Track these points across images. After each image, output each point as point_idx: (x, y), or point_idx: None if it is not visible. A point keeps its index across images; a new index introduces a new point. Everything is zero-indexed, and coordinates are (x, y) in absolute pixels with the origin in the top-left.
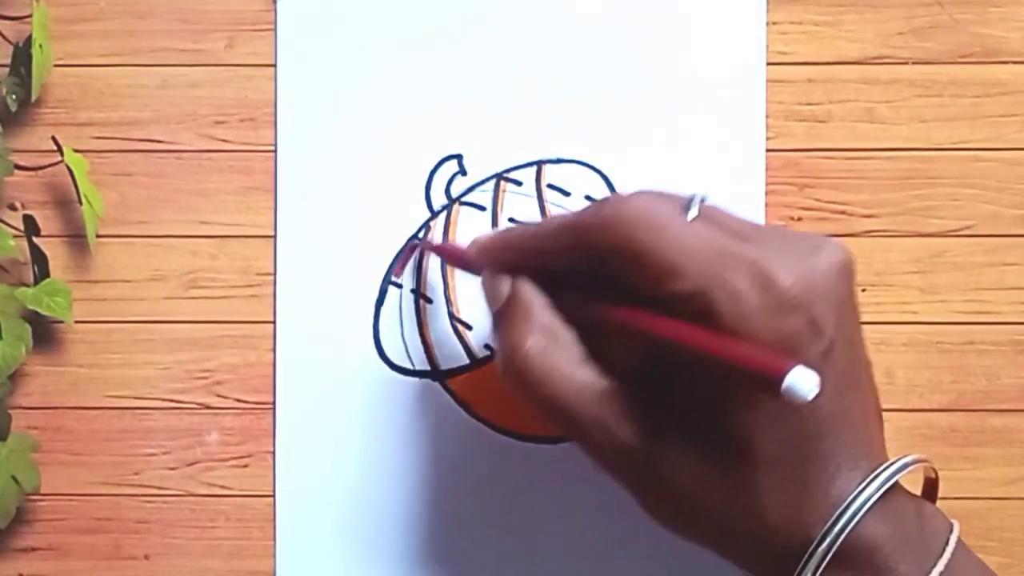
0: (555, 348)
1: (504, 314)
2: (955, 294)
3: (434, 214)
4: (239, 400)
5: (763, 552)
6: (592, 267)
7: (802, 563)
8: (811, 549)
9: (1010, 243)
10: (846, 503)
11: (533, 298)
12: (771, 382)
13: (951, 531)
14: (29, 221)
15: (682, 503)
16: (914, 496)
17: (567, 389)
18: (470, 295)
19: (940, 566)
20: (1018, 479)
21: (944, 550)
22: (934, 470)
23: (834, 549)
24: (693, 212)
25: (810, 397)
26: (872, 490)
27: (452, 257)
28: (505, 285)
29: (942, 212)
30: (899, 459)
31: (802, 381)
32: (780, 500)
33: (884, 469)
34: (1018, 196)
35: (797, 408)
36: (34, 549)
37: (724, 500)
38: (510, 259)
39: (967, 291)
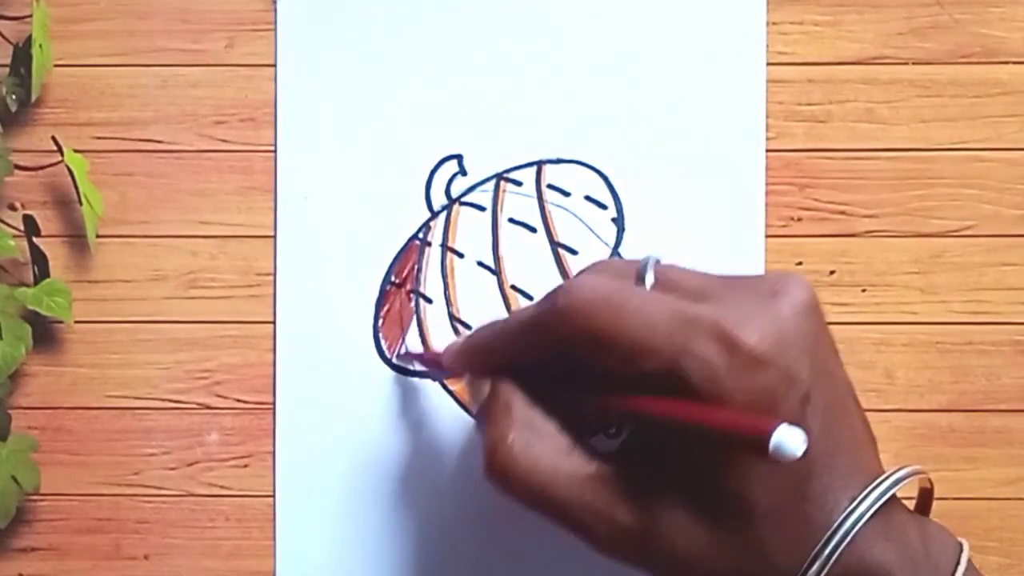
0: (538, 440)
1: (484, 413)
2: (955, 294)
3: (434, 214)
4: (239, 400)
5: None
6: (562, 355)
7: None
8: (804, 568)
9: (1010, 243)
10: (836, 523)
11: (512, 395)
12: (757, 444)
13: (960, 550)
14: (29, 221)
15: (689, 569)
16: (916, 516)
17: (554, 479)
18: (470, 295)
19: None
20: (1018, 479)
21: (956, 570)
22: (929, 480)
23: (827, 569)
24: (649, 279)
25: (799, 453)
26: (864, 508)
27: (432, 366)
28: (485, 385)
29: (942, 212)
30: (892, 473)
31: (788, 438)
32: (783, 544)
33: (875, 487)
34: (1018, 196)
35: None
36: (34, 549)
37: (731, 559)
38: (482, 363)
39: (967, 291)
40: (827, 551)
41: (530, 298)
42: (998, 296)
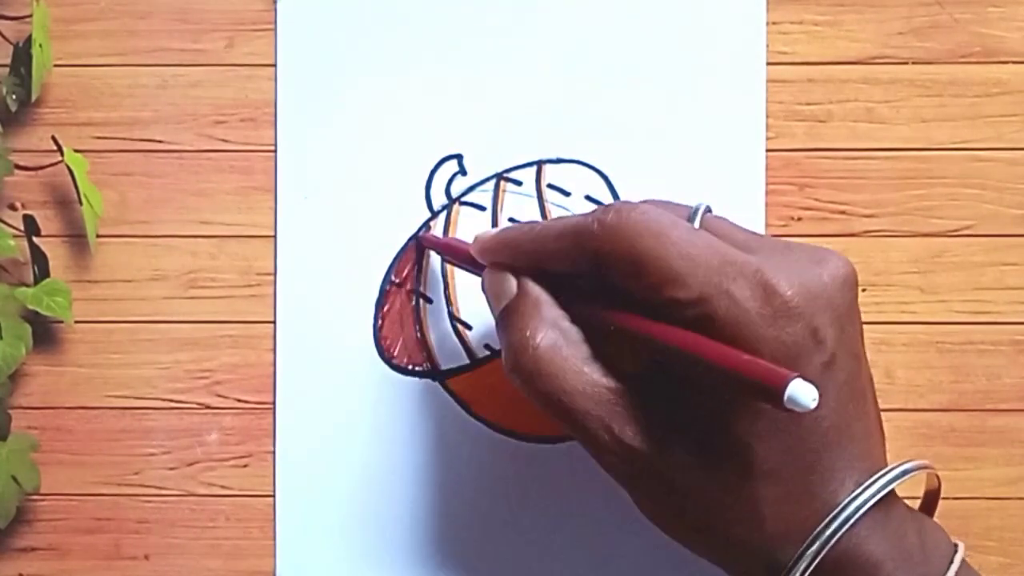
0: (565, 344)
1: (512, 309)
2: (955, 294)
3: (434, 214)
4: (239, 400)
5: (759, 562)
6: (592, 271)
7: (790, 565)
8: (800, 551)
9: (1010, 243)
10: (840, 506)
11: (541, 295)
12: (772, 392)
13: (955, 551)
14: (29, 221)
15: (681, 508)
16: (915, 512)
17: (576, 386)
18: (470, 295)
19: None
20: (1018, 479)
21: (949, 569)
22: (937, 478)
23: (824, 552)
24: (696, 222)
25: (811, 407)
26: (868, 495)
27: (452, 253)
28: (511, 282)
29: (942, 212)
30: (897, 465)
31: (802, 392)
32: (780, 512)
33: (882, 475)
34: (1018, 196)
35: (799, 419)
36: (34, 549)
37: (724, 509)
38: (510, 259)
39: (967, 291)
40: (828, 532)
41: None
42: (998, 296)
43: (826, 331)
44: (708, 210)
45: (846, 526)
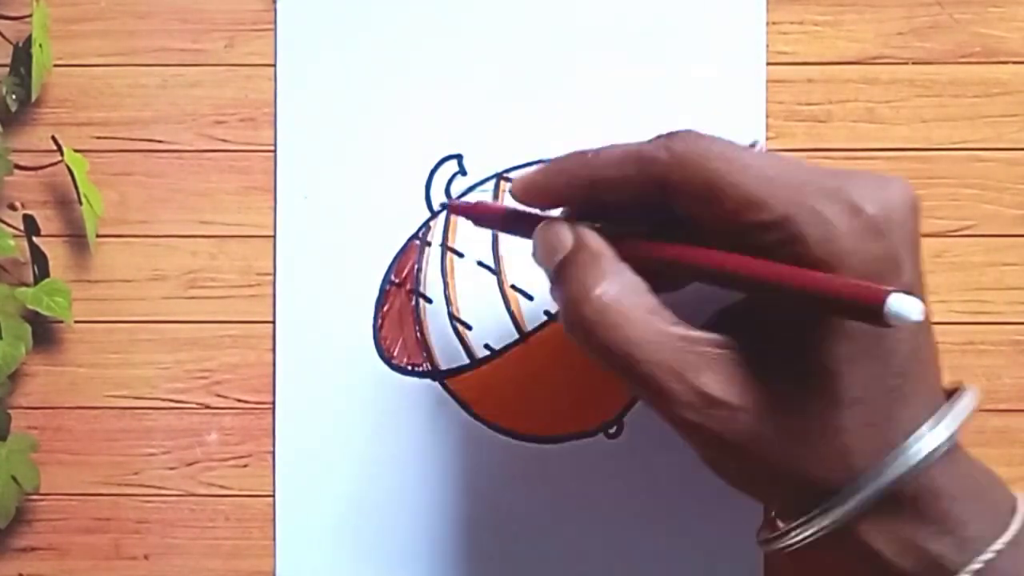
0: (629, 294)
1: (570, 261)
2: (955, 294)
3: (434, 214)
4: (239, 400)
5: (829, 493)
6: (657, 201)
7: (866, 481)
8: (881, 465)
9: (1010, 243)
10: (919, 431)
11: (601, 245)
12: (873, 310)
13: (1016, 500)
14: (29, 221)
15: (760, 456)
16: (976, 460)
17: (643, 336)
18: (470, 295)
19: (1015, 526)
20: (1018, 479)
21: (1014, 516)
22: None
23: (908, 468)
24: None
25: (918, 319)
26: (948, 421)
27: (487, 214)
28: (567, 232)
29: (942, 212)
30: (963, 390)
31: (906, 305)
32: (863, 443)
33: (955, 401)
34: (1018, 196)
35: (883, 344)
36: (34, 549)
37: (809, 446)
38: (561, 188)
39: (967, 291)
40: (907, 454)
41: (530, 298)
42: (998, 296)
43: (904, 255)
44: (760, 144)
45: (928, 449)
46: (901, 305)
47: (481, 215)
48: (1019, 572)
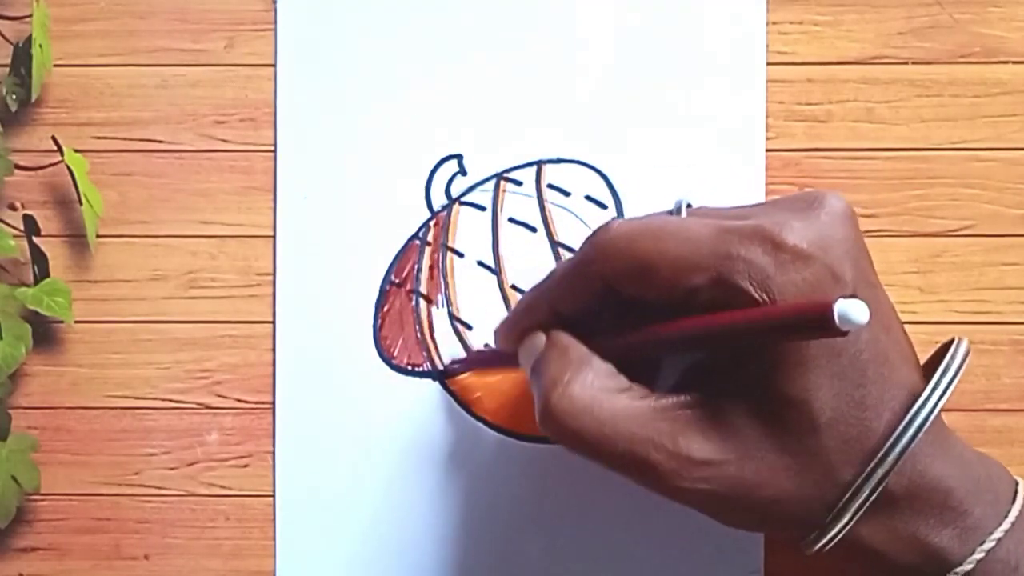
0: (596, 378)
1: (541, 359)
2: (955, 294)
3: (434, 214)
4: (239, 400)
5: (825, 510)
6: (606, 296)
7: (858, 484)
8: (866, 472)
9: (1010, 243)
10: (903, 424)
11: (568, 339)
12: (822, 321)
13: (1016, 485)
14: (29, 221)
15: (753, 499)
16: (973, 448)
17: (616, 415)
18: (470, 295)
19: (1015, 512)
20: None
21: (1015, 500)
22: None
23: (894, 468)
24: (683, 215)
25: (865, 320)
26: (925, 414)
27: (486, 361)
28: (539, 338)
29: (942, 212)
30: (938, 383)
31: (853, 308)
32: (847, 455)
33: (930, 393)
34: (1018, 196)
35: (841, 361)
36: (34, 549)
37: (797, 475)
38: (532, 322)
39: (967, 291)
40: (891, 456)
41: None
42: (998, 296)
43: (841, 267)
44: (688, 205)
45: (913, 443)
46: (847, 310)
47: (482, 366)
48: (1022, 557)
